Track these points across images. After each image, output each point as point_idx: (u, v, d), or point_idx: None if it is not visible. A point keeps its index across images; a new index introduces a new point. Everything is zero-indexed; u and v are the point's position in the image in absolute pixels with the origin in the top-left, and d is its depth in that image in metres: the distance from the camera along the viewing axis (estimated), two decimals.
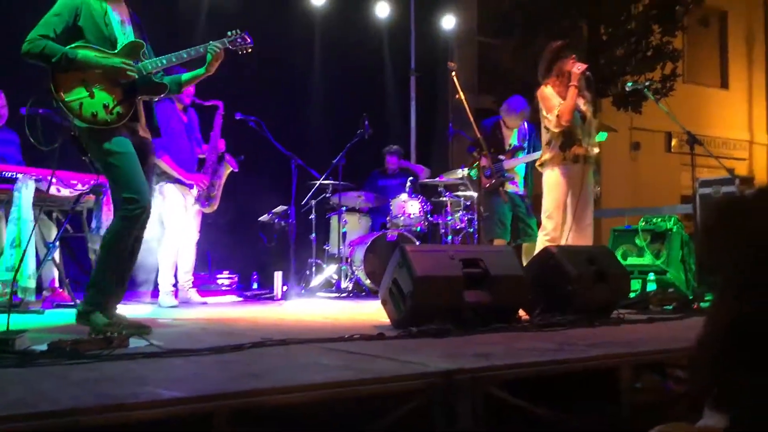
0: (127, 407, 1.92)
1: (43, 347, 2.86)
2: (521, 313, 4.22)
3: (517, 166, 6.74)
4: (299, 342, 3.23)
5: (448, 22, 9.91)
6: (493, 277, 3.98)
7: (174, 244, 5.77)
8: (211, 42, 4.01)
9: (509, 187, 6.67)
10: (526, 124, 6.92)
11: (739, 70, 17.60)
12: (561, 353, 2.97)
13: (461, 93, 5.54)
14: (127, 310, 5.26)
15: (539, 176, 5.60)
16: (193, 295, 5.99)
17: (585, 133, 5.39)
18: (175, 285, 5.82)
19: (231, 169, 5.90)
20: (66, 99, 3.60)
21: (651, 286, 6.49)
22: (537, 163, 5.62)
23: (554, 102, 5.32)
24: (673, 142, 16.42)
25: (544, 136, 5.48)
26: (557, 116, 5.27)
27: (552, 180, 5.39)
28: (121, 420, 1.88)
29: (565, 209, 5.38)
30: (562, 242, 5.33)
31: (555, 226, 5.35)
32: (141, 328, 3.57)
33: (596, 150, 5.51)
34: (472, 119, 5.46)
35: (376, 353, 2.94)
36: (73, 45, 3.63)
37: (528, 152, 6.71)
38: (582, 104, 5.42)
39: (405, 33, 9.69)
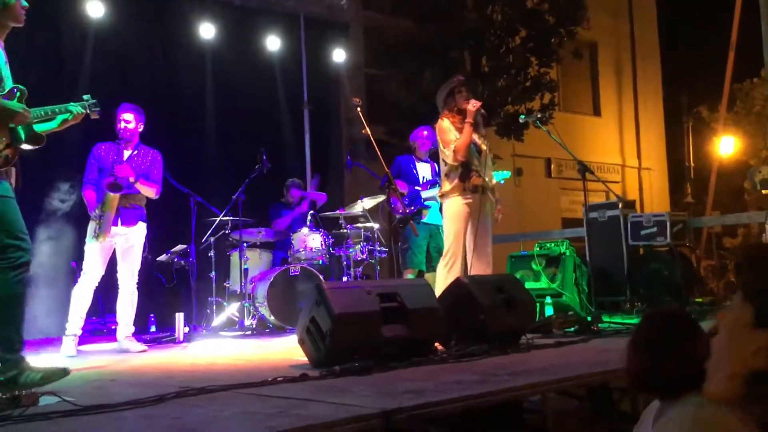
0: None
1: None
2: (437, 344, 4.29)
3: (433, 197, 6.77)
4: (222, 389, 3.14)
5: (338, 55, 10.01)
6: (409, 311, 4.02)
7: (85, 287, 5.43)
8: (72, 104, 4.03)
9: (426, 217, 6.74)
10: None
11: (609, 98, 18.73)
12: (487, 384, 3.03)
13: (368, 129, 5.60)
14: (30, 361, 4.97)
15: None
16: (132, 344, 5.55)
17: (482, 165, 5.56)
18: (86, 332, 5.48)
19: (113, 194, 5.51)
20: None
21: (549, 310, 6.74)
22: (438, 194, 5.73)
23: (450, 137, 5.47)
24: (553, 167, 17.21)
25: (443, 168, 5.61)
26: (454, 151, 5.43)
27: (452, 210, 5.50)
28: None
29: (465, 238, 5.51)
30: (464, 270, 5.46)
31: (453, 255, 5.45)
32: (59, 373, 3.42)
33: (494, 180, 5.70)
34: (379, 153, 5.52)
35: (305, 396, 2.90)
36: None
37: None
38: (478, 138, 5.59)
39: (297, 66, 9.70)
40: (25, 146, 3.69)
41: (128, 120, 5.65)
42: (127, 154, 5.66)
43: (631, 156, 19.02)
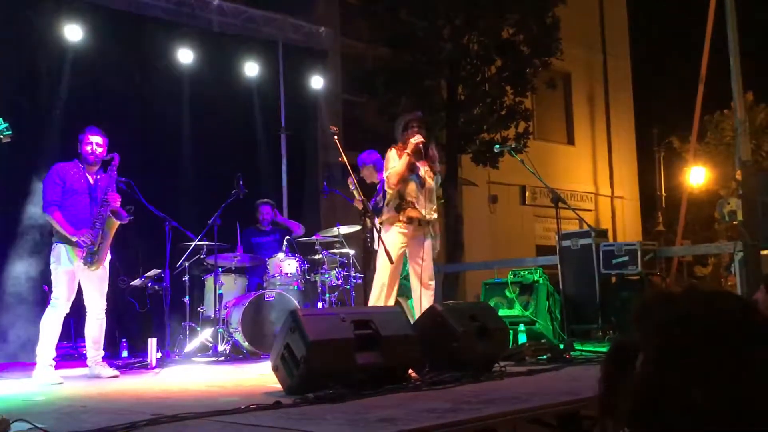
0: None
1: None
2: (410, 371, 4.31)
3: None
4: (195, 417, 3.13)
5: (316, 82, 10.10)
6: (383, 338, 4.05)
7: (56, 311, 5.33)
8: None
9: None
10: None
11: (583, 127, 19.05)
12: (460, 413, 3.06)
13: (344, 156, 5.65)
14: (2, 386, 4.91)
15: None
16: (103, 370, 5.45)
17: (425, 198, 5.62)
18: (57, 357, 5.39)
19: (118, 222, 5.53)
20: None
21: (522, 337, 6.79)
22: (378, 221, 5.74)
23: (390, 165, 5.58)
24: (527, 195, 17.40)
25: (387, 197, 5.68)
26: (387, 178, 5.55)
27: (388, 239, 5.54)
28: None
29: (399, 268, 5.54)
30: (414, 301, 5.52)
31: (385, 283, 5.44)
32: None
33: (434, 216, 5.71)
34: (355, 182, 5.57)
35: (278, 425, 2.90)
36: None
37: None
38: (425, 172, 5.66)
39: (274, 92, 9.77)
40: None
41: (99, 143, 5.52)
42: (90, 177, 5.57)
43: (604, 184, 19.29)
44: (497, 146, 6.71)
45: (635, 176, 20.28)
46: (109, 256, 5.61)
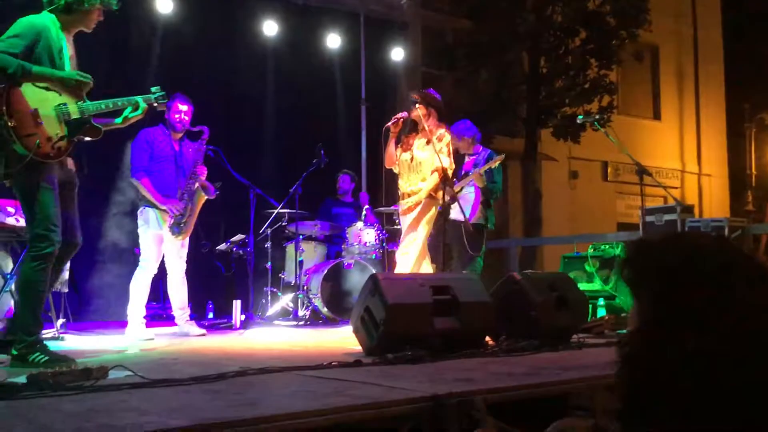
0: None
1: (23, 379, 2.83)
2: (487, 338, 4.35)
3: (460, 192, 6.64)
4: (279, 370, 3.26)
5: (397, 54, 10.13)
6: (461, 304, 4.10)
7: (146, 272, 5.61)
8: (137, 97, 4.14)
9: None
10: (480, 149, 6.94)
11: (670, 102, 18.41)
12: (537, 377, 3.09)
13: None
14: (95, 341, 5.22)
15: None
16: (191, 328, 5.75)
17: (411, 173, 5.63)
18: (147, 317, 5.68)
19: (206, 197, 5.77)
20: (12, 125, 3.58)
21: (601, 312, 6.71)
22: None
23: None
24: (609, 171, 17.00)
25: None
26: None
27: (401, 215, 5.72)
28: None
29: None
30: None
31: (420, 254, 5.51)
32: (64, 360, 3.57)
33: (419, 186, 5.63)
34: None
35: (360, 379, 3.00)
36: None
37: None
38: (416, 146, 5.67)
39: (355, 63, 9.86)
40: (83, 138, 3.89)
41: (186, 112, 5.70)
42: (175, 145, 5.77)
43: (691, 162, 18.66)
44: (580, 117, 6.59)
45: (724, 153, 19.50)
46: None
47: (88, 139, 3.92)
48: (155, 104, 4.29)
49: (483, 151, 6.91)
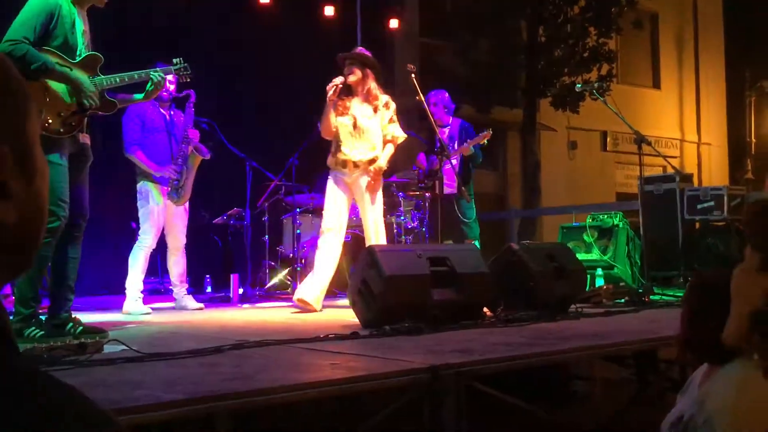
0: (131, 410, 1.92)
1: None
2: (485, 309, 4.33)
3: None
4: (276, 343, 3.25)
5: (393, 23, 10.01)
6: (459, 275, 4.08)
7: (143, 247, 5.59)
8: (156, 69, 4.07)
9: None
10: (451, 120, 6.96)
11: (670, 70, 18.27)
12: (535, 347, 3.07)
13: (421, 96, 5.62)
14: (92, 317, 5.19)
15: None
16: (189, 302, 5.71)
17: (356, 139, 5.44)
18: (144, 291, 5.66)
19: (201, 158, 5.72)
20: None
21: (599, 281, 6.70)
22: None
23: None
24: (608, 141, 16.94)
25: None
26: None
27: (328, 183, 5.51)
28: (128, 423, 1.88)
29: (339, 211, 5.46)
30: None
31: (326, 225, 5.44)
32: (99, 332, 3.59)
33: (371, 155, 5.42)
34: (433, 122, 5.54)
35: (357, 351, 2.99)
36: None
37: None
38: (355, 111, 5.47)
39: (351, 32, 9.72)
40: (95, 112, 3.84)
41: (170, 81, 5.49)
42: (165, 114, 5.73)
43: (690, 130, 18.58)
44: (579, 86, 6.53)
45: (724, 122, 19.42)
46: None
47: (101, 113, 3.87)
48: (179, 75, 4.26)
49: (454, 122, 6.92)
